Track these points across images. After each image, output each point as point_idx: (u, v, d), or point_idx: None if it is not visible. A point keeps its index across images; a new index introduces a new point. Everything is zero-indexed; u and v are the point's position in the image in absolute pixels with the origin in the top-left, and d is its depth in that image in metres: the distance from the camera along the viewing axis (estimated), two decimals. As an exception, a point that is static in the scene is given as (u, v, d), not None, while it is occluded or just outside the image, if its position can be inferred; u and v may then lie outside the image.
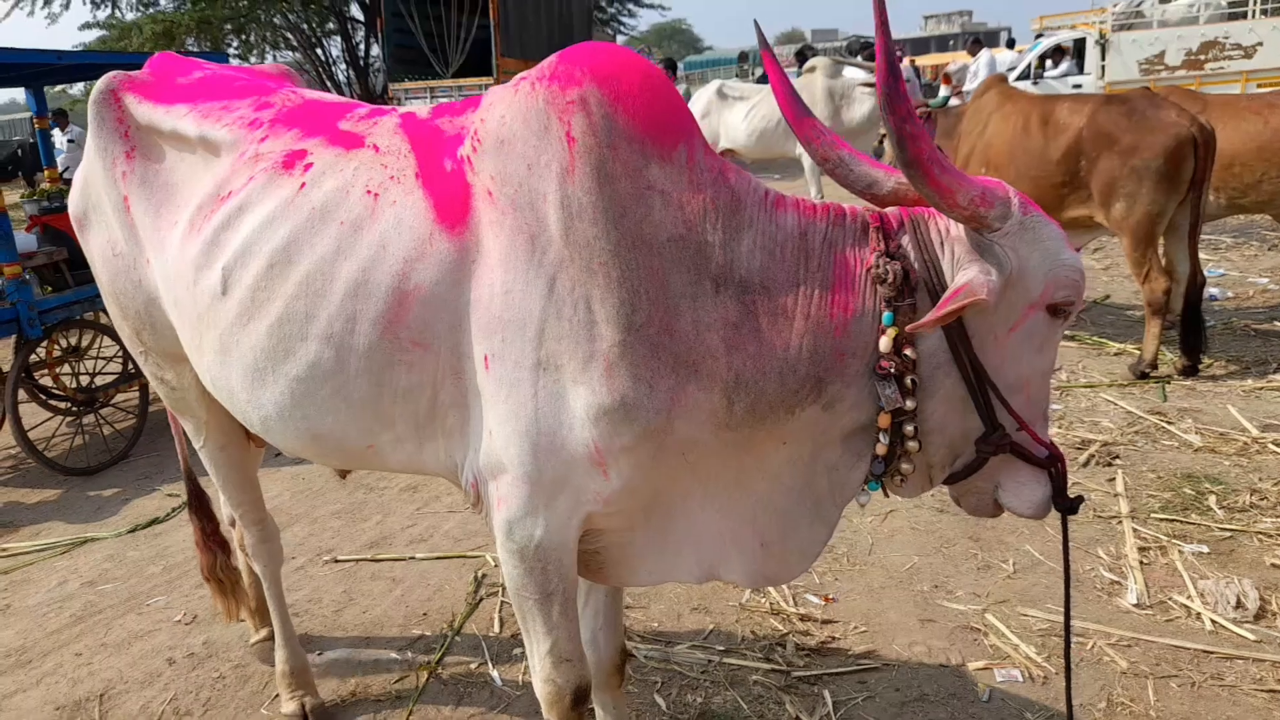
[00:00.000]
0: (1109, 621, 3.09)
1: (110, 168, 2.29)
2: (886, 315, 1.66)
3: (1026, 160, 5.73)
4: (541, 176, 1.71)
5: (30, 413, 5.43)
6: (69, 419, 5.57)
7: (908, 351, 1.66)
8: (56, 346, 5.55)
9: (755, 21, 2.27)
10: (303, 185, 1.97)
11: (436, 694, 2.96)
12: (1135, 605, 3.18)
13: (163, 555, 4.03)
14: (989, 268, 1.60)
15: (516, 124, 1.76)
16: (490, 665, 3.06)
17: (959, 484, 1.83)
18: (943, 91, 11.58)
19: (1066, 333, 6.27)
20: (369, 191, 1.89)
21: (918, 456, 1.77)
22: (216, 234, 2.04)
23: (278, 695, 2.92)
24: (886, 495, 1.89)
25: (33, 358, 5.34)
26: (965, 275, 1.61)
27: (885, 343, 1.66)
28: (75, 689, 3.10)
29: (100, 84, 2.31)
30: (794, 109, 1.83)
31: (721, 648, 3.08)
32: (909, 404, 1.68)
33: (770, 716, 2.76)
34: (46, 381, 5.60)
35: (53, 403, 5.63)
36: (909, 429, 1.72)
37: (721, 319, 1.69)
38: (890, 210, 1.79)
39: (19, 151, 22.20)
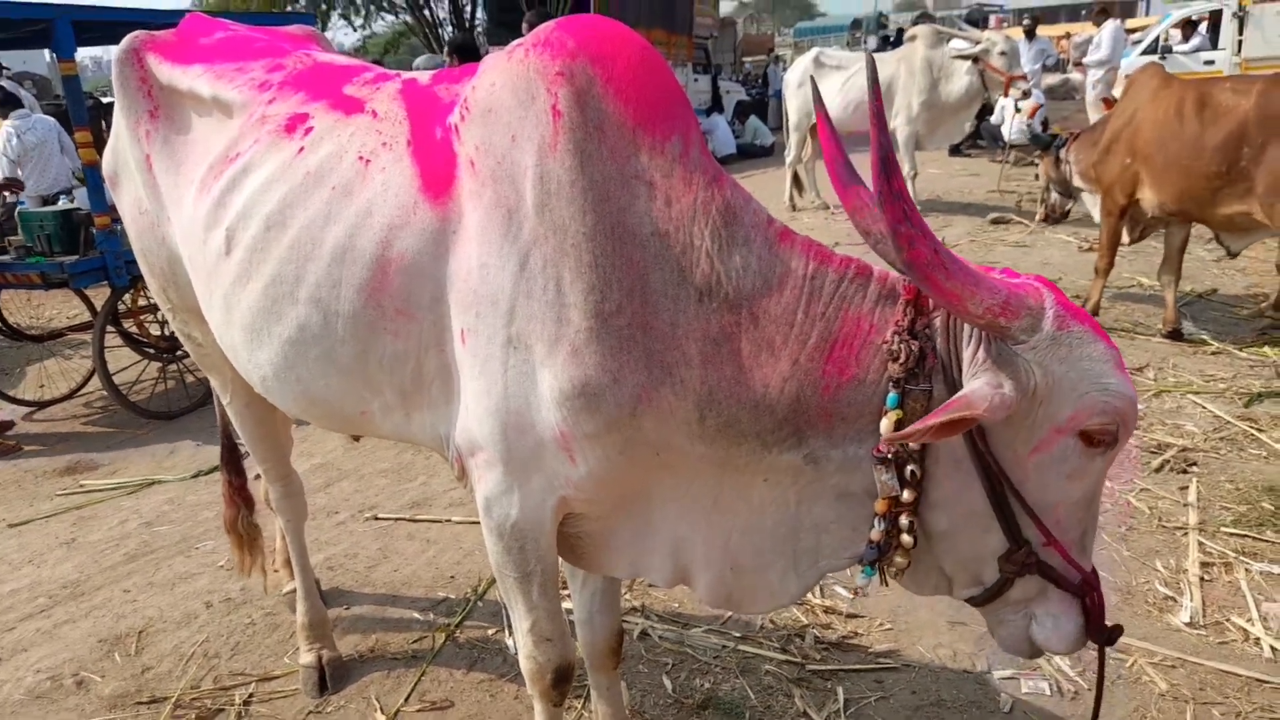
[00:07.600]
0: (1155, 639, 2.89)
1: (134, 127, 2.34)
2: (892, 396, 1.50)
3: (1178, 148, 5.21)
4: (523, 149, 1.66)
5: (116, 359, 5.71)
6: (155, 364, 5.87)
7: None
8: (142, 295, 5.81)
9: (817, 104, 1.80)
10: (301, 149, 1.97)
11: (451, 656, 3.00)
12: (1187, 624, 2.97)
13: (218, 501, 4.12)
14: (1002, 380, 1.41)
15: (504, 93, 1.71)
16: (506, 633, 3.08)
17: (987, 609, 1.66)
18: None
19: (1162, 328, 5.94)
20: (361, 157, 1.88)
21: (924, 555, 1.62)
22: (223, 194, 2.07)
23: (299, 646, 3.00)
24: (884, 584, 1.71)
25: (120, 306, 5.61)
26: (970, 385, 1.44)
27: (886, 425, 1.50)
28: (118, 624, 3.27)
29: (123, 44, 2.34)
30: (841, 176, 1.69)
31: (738, 634, 3.02)
32: (906, 495, 1.52)
33: (778, 709, 2.69)
34: (132, 329, 5.88)
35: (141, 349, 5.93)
36: (904, 521, 1.56)
37: (701, 330, 1.59)
38: None
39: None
